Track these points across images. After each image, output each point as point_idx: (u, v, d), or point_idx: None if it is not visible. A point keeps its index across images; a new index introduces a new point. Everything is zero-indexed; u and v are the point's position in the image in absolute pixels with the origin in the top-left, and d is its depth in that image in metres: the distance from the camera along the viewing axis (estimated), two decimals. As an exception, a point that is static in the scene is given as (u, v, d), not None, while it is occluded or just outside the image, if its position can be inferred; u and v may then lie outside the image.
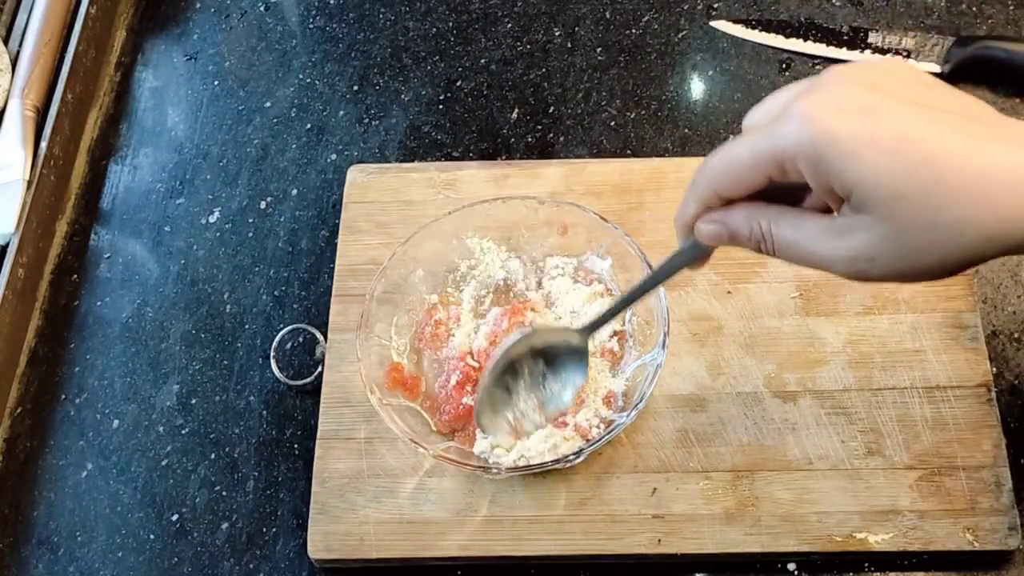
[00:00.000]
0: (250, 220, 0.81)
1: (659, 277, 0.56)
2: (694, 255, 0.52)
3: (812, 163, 0.43)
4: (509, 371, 0.61)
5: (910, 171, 0.42)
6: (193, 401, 0.73)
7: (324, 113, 0.85)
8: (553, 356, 0.61)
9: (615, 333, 0.69)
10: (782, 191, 0.47)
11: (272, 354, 0.73)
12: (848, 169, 0.42)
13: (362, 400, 0.68)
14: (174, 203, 0.82)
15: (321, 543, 0.65)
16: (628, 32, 0.87)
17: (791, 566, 0.64)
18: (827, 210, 0.47)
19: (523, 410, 0.62)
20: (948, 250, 0.43)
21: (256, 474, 0.70)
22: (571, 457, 0.62)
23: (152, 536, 0.69)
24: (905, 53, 0.81)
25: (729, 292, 0.71)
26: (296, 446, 0.71)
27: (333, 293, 0.73)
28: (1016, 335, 0.71)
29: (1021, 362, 0.70)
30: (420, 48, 0.88)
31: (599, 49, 0.86)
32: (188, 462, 0.71)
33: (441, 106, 0.85)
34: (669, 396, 0.68)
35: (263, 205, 0.81)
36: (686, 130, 0.82)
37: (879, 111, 0.42)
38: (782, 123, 0.44)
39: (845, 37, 0.83)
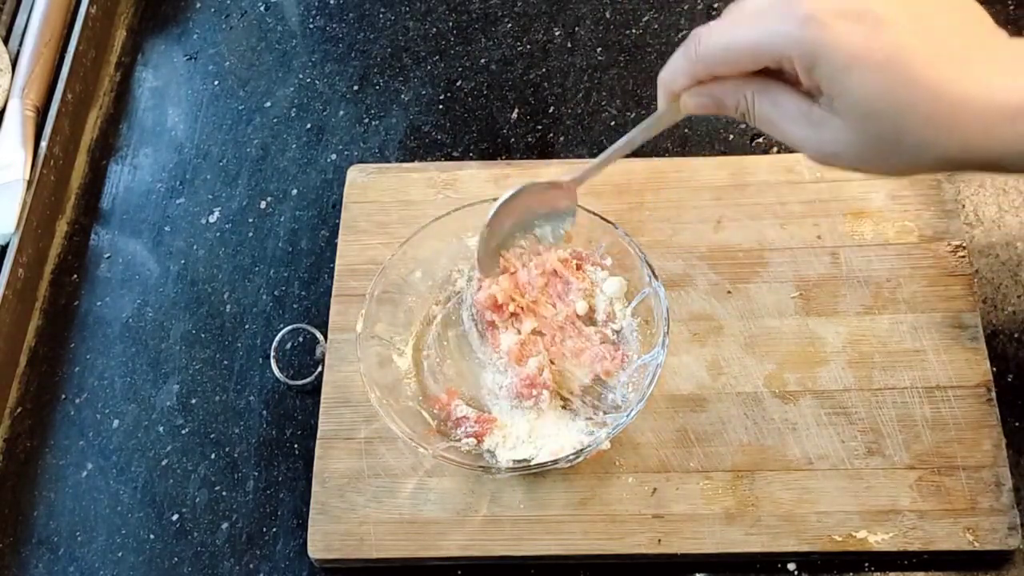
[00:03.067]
0: (250, 220, 0.81)
1: (643, 133, 0.57)
2: (676, 117, 0.54)
3: (806, 66, 0.45)
4: (505, 219, 0.65)
5: (890, 91, 0.44)
6: (193, 401, 0.73)
7: (324, 113, 0.85)
8: (544, 208, 0.65)
9: (615, 333, 0.69)
10: None
11: (272, 354, 0.73)
12: (838, 79, 0.44)
13: (362, 400, 0.68)
14: (174, 203, 0.82)
15: (321, 543, 0.65)
16: (628, 32, 0.87)
17: (791, 566, 0.64)
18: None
19: (514, 251, 0.67)
20: (907, 164, 0.47)
21: (256, 474, 0.70)
22: (571, 457, 0.62)
23: (152, 536, 0.69)
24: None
25: (729, 292, 0.71)
26: (296, 446, 0.71)
27: (333, 293, 0.73)
28: (1016, 335, 0.71)
29: (1021, 362, 0.70)
30: (420, 48, 0.88)
31: (599, 49, 0.86)
32: (188, 462, 0.71)
33: (441, 106, 0.85)
34: (669, 396, 0.68)
35: (263, 205, 0.81)
36: (686, 130, 0.82)
37: (879, 23, 0.43)
38: (784, 21, 0.45)
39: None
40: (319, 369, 0.72)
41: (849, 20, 0.44)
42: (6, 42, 0.86)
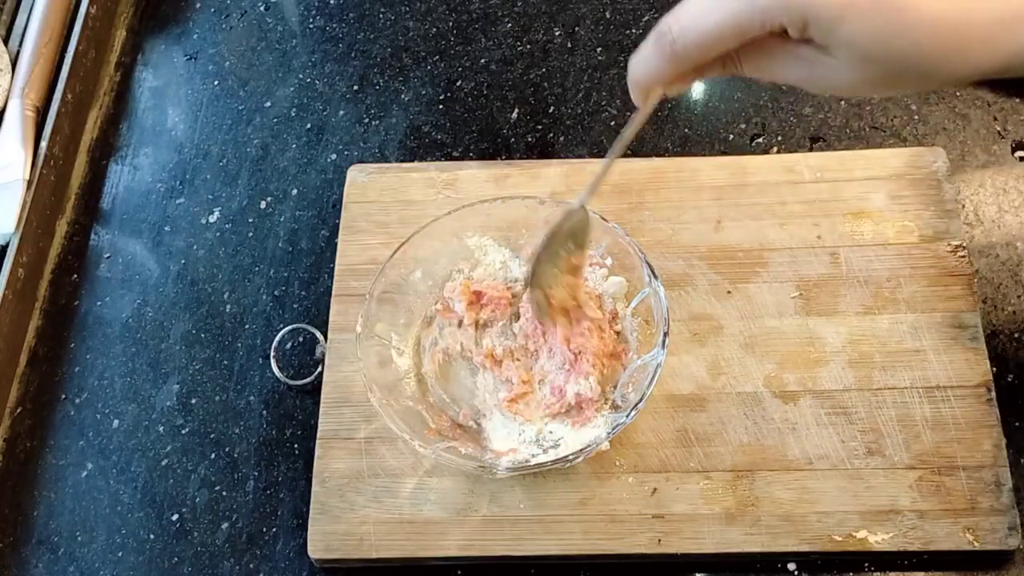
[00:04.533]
0: (250, 220, 0.81)
1: (633, 131, 0.55)
2: (653, 106, 0.52)
3: (796, 26, 0.45)
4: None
5: (885, 34, 0.43)
6: (193, 401, 0.73)
7: (324, 113, 0.85)
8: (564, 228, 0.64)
9: (617, 334, 0.69)
10: None
11: (272, 354, 0.73)
12: (832, 33, 0.44)
13: (362, 400, 0.68)
14: (174, 203, 0.82)
15: (321, 543, 0.65)
16: (628, 32, 0.87)
17: (791, 566, 0.64)
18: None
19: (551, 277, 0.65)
20: (913, 88, 0.49)
21: (256, 474, 0.70)
22: (571, 457, 0.62)
23: (152, 536, 0.69)
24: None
25: (729, 292, 0.71)
26: (296, 446, 0.71)
27: (333, 293, 0.73)
28: (1016, 335, 0.71)
29: (1021, 362, 0.70)
30: (420, 48, 0.88)
31: (599, 49, 0.86)
32: (188, 462, 0.71)
33: (441, 106, 0.85)
34: (669, 396, 0.68)
35: (263, 205, 0.81)
36: (686, 130, 0.82)
37: None
38: None
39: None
40: (319, 369, 0.72)
41: None
42: (6, 42, 0.86)
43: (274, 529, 0.68)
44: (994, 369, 0.68)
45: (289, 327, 0.75)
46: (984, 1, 0.44)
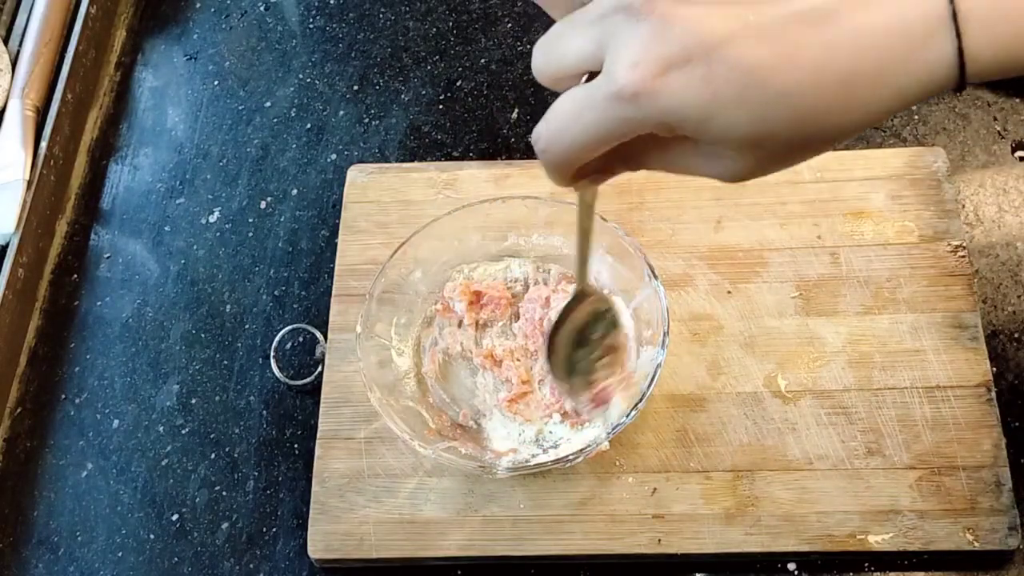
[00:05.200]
0: (250, 220, 0.81)
1: (588, 225, 0.53)
2: (591, 195, 0.50)
3: (666, 131, 0.42)
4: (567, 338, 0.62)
5: (763, 115, 0.40)
6: (193, 401, 0.73)
7: (324, 113, 0.85)
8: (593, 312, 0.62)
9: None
10: None
11: (272, 354, 0.73)
12: (705, 131, 0.41)
13: (362, 400, 0.68)
14: (174, 203, 0.82)
15: (321, 543, 0.65)
16: (628, 32, 0.87)
17: (791, 566, 0.64)
18: None
19: (591, 367, 0.63)
20: (827, 146, 0.43)
21: (256, 474, 0.70)
22: (571, 457, 0.62)
23: (152, 536, 0.69)
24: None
25: (729, 292, 0.71)
26: (296, 446, 0.71)
27: (333, 293, 0.73)
28: (1016, 335, 0.71)
29: (1021, 362, 0.70)
30: (420, 48, 0.88)
31: (599, 49, 0.86)
32: (188, 462, 0.71)
33: (441, 106, 0.85)
34: (669, 396, 0.68)
35: (263, 205, 0.81)
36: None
37: (707, 53, 0.39)
38: (613, 105, 0.40)
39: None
40: (319, 369, 0.72)
41: (677, 69, 0.39)
42: (6, 42, 0.86)
43: (274, 529, 0.68)
44: (994, 369, 0.68)
45: (289, 327, 0.74)
46: (860, 45, 0.40)
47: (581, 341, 0.62)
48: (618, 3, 0.41)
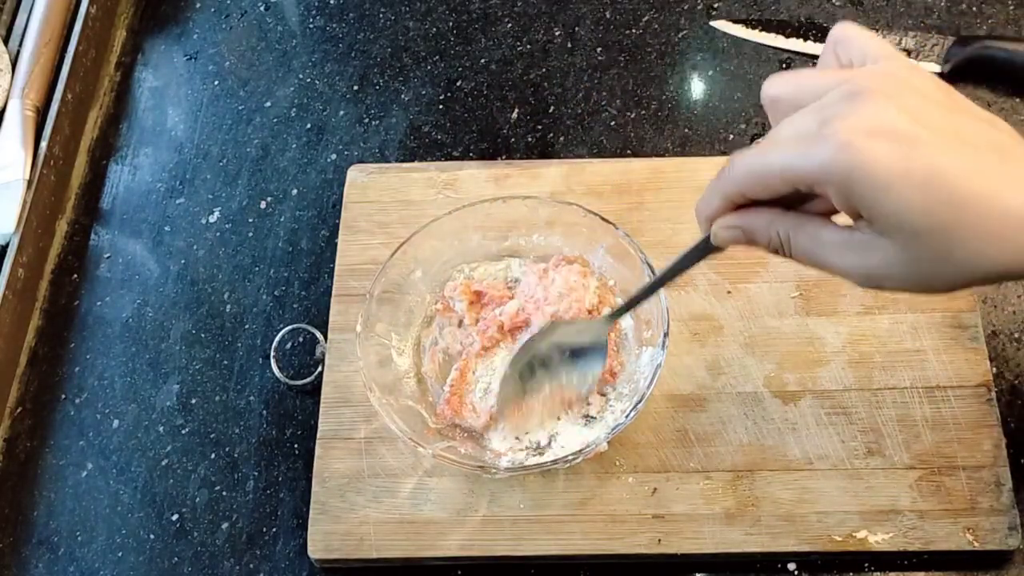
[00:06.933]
0: (250, 220, 0.81)
1: (679, 269, 0.56)
2: (714, 248, 0.53)
3: (842, 192, 0.44)
4: (530, 362, 0.64)
5: (934, 209, 0.43)
6: (193, 401, 0.73)
7: (324, 113, 0.85)
8: (573, 347, 0.64)
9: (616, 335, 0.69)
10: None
11: (272, 354, 0.73)
12: (878, 201, 0.43)
13: (362, 400, 0.68)
14: (174, 203, 0.82)
15: (321, 543, 0.65)
16: (628, 32, 0.87)
17: (791, 566, 0.64)
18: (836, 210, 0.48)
19: (538, 398, 0.65)
20: (959, 279, 0.45)
21: (256, 474, 0.70)
22: (571, 457, 0.62)
23: (152, 536, 0.69)
24: (905, 53, 0.81)
25: (729, 292, 0.71)
26: (296, 446, 0.71)
27: (333, 293, 0.73)
28: (1016, 335, 0.71)
29: (1021, 362, 0.70)
30: (420, 48, 0.88)
31: (599, 49, 0.86)
32: (188, 462, 0.71)
33: (441, 106, 0.85)
34: (669, 396, 0.68)
35: (263, 205, 0.81)
36: (686, 130, 0.82)
37: (914, 143, 0.43)
38: (818, 145, 0.44)
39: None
40: (319, 369, 0.72)
41: (883, 140, 0.43)
42: (6, 42, 0.86)
43: (274, 529, 0.68)
44: (994, 369, 0.68)
45: (289, 327, 0.75)
46: None
47: (548, 363, 0.65)
48: (842, 92, 0.45)
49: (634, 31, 0.87)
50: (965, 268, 0.44)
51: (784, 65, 0.84)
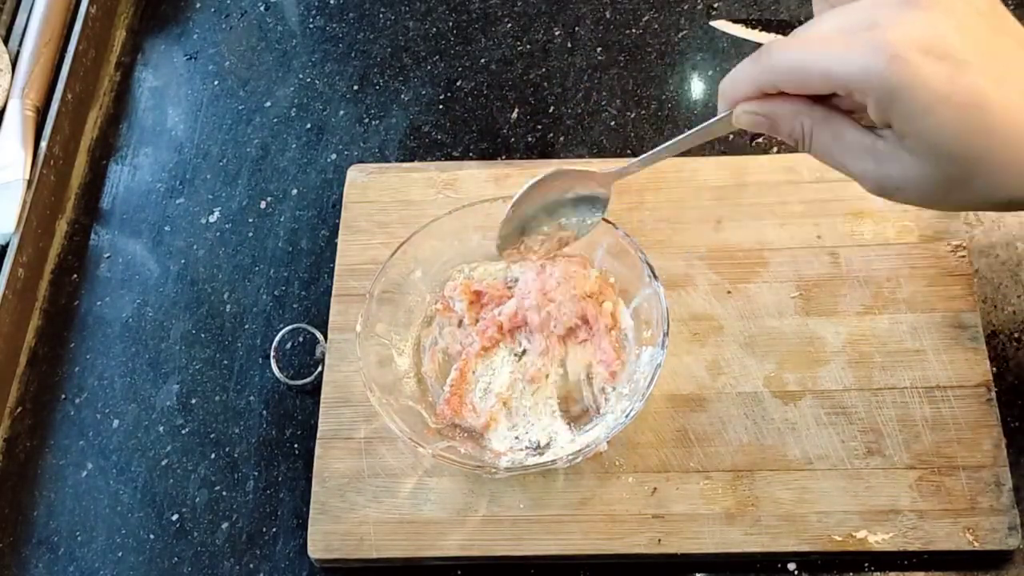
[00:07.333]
0: (250, 220, 0.81)
1: (691, 140, 0.56)
2: (727, 128, 0.52)
3: (882, 103, 0.43)
4: (534, 206, 0.64)
5: (969, 136, 0.43)
6: (193, 401, 0.73)
7: (324, 113, 0.85)
8: (576, 193, 0.64)
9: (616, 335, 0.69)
10: None
11: (272, 354, 0.73)
12: (915, 119, 0.43)
13: (362, 400, 0.68)
14: (174, 203, 0.82)
15: (321, 543, 0.65)
16: (628, 32, 0.87)
17: (791, 566, 0.64)
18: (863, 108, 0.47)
19: (537, 237, 0.66)
20: (973, 202, 0.46)
21: (256, 474, 0.70)
22: (571, 457, 0.62)
23: (152, 536, 0.69)
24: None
25: (729, 292, 0.71)
26: (296, 446, 0.71)
27: (333, 293, 0.73)
28: (1016, 335, 0.71)
29: (1021, 362, 0.70)
30: (420, 48, 0.88)
31: (599, 49, 0.86)
32: (188, 462, 0.71)
33: (441, 106, 0.85)
34: (669, 396, 0.68)
35: (263, 205, 0.81)
36: (686, 130, 0.81)
37: (962, 66, 0.42)
38: (866, 51, 0.43)
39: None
40: (319, 369, 0.72)
41: (933, 58, 0.42)
42: (6, 42, 0.86)
43: (274, 529, 0.68)
44: (994, 369, 0.68)
45: (289, 327, 0.75)
46: None
47: (551, 209, 0.64)
48: None
49: (634, 31, 0.87)
50: (980, 194, 0.44)
51: (784, 65, 0.84)
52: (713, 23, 0.87)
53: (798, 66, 0.46)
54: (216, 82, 0.88)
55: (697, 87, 0.84)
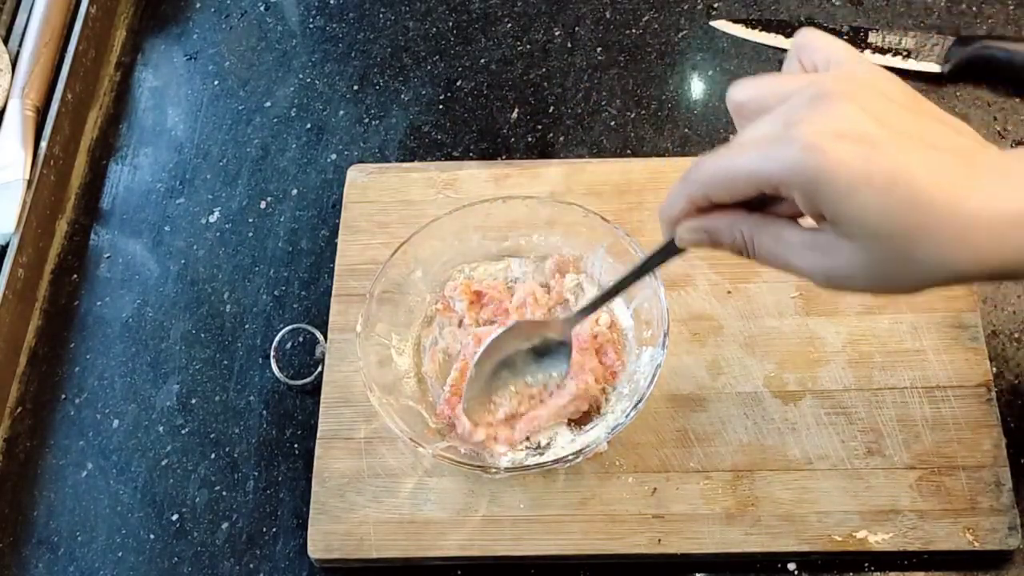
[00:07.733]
0: (250, 220, 0.81)
1: (644, 269, 0.57)
2: (678, 250, 0.53)
3: (807, 193, 0.44)
4: (497, 362, 0.65)
5: (896, 212, 0.43)
6: (193, 401, 0.73)
7: (324, 113, 0.85)
8: (539, 347, 0.65)
9: (611, 326, 0.69)
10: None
11: (272, 354, 0.73)
12: (841, 203, 0.43)
13: (362, 400, 0.68)
14: (174, 203, 0.82)
15: (321, 543, 0.65)
16: (628, 32, 0.87)
17: (791, 566, 0.64)
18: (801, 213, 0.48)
19: (505, 396, 0.66)
20: (921, 280, 0.45)
21: (256, 474, 0.70)
22: (571, 457, 0.62)
23: (152, 536, 0.69)
24: (905, 53, 0.81)
25: (729, 292, 0.71)
26: (296, 446, 0.71)
27: (333, 293, 0.73)
28: (1016, 335, 0.71)
29: (1021, 362, 0.70)
30: (420, 48, 0.88)
31: (599, 49, 0.86)
32: (188, 462, 0.71)
33: (441, 106, 0.85)
34: (669, 396, 0.68)
35: (263, 205, 0.81)
36: (686, 130, 0.82)
37: (876, 145, 0.43)
38: (783, 147, 0.44)
39: (845, 37, 0.83)
40: (319, 369, 0.72)
41: (847, 142, 0.42)
42: (6, 42, 0.86)
43: (274, 529, 0.68)
44: (994, 369, 0.68)
45: (289, 327, 0.75)
46: (997, 199, 0.43)
47: (513, 366, 0.65)
48: (806, 95, 0.45)
49: (634, 31, 0.87)
50: (925, 271, 0.45)
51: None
52: (713, 23, 0.87)
53: (723, 173, 0.47)
54: (216, 82, 0.88)
55: (697, 87, 0.84)
